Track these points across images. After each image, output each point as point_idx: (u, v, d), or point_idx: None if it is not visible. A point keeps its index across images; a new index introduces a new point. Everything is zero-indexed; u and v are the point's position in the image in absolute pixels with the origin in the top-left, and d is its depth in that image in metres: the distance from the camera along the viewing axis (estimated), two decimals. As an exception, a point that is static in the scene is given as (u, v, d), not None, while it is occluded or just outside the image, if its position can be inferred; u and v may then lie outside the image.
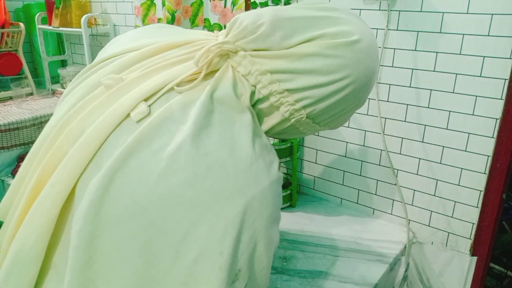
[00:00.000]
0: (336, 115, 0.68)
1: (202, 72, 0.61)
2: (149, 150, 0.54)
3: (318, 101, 0.63)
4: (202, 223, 0.53)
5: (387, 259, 1.23)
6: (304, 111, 0.64)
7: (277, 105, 0.63)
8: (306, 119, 0.65)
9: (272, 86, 0.61)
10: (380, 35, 1.30)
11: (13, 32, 2.08)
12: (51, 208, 0.56)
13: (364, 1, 1.29)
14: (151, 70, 0.61)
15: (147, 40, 0.67)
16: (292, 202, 1.54)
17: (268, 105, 0.64)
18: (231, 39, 0.62)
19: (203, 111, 0.57)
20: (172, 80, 0.60)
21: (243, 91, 0.62)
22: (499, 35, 1.10)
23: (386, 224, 1.43)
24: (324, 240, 1.33)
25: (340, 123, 0.74)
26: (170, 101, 0.58)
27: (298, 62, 0.60)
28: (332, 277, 1.14)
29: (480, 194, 1.24)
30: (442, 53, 1.20)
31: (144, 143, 0.54)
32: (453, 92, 1.21)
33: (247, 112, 0.61)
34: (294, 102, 0.63)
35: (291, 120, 0.65)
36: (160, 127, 0.56)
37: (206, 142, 0.55)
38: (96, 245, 0.54)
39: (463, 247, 1.31)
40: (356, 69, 0.63)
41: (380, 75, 1.33)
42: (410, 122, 1.31)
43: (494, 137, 1.17)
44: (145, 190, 0.53)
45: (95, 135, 0.56)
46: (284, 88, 0.61)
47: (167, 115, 0.57)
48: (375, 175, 1.44)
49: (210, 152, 0.55)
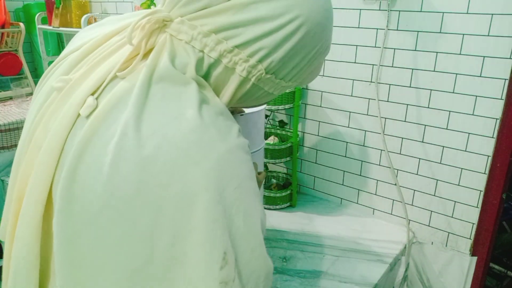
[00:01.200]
0: (299, 65, 0.63)
1: (141, 51, 0.57)
2: (101, 142, 0.52)
3: (272, 50, 0.58)
4: (166, 206, 0.50)
5: (387, 259, 1.23)
6: (261, 66, 0.59)
7: (231, 66, 0.58)
8: (267, 74, 0.60)
9: (220, 47, 0.57)
10: (380, 35, 1.30)
11: (13, 32, 2.08)
12: (32, 218, 0.56)
13: (364, 1, 1.29)
14: (94, 64, 0.59)
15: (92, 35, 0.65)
16: (292, 202, 1.54)
17: (223, 69, 0.59)
18: (164, 8, 0.58)
19: (142, 92, 0.54)
20: (114, 68, 0.57)
21: (187, 61, 0.57)
22: (499, 35, 1.10)
23: (386, 224, 1.43)
24: (324, 240, 1.33)
25: (309, 76, 0.68)
26: (114, 89, 0.56)
27: (241, 13, 0.56)
28: (332, 277, 1.14)
29: (480, 194, 1.24)
30: (442, 53, 1.20)
31: (94, 136, 0.53)
32: (453, 92, 1.21)
33: (191, 83, 0.56)
34: (248, 58, 0.58)
35: (251, 79, 0.60)
36: (107, 117, 0.54)
37: (149, 122, 0.52)
38: (76, 247, 0.53)
39: (463, 247, 1.31)
40: (304, 7, 0.59)
41: (380, 75, 1.33)
42: (410, 122, 1.31)
43: (494, 137, 1.17)
44: (102, 183, 0.51)
45: (55, 139, 0.55)
46: (233, 45, 0.57)
47: (113, 104, 0.54)
48: (375, 175, 1.44)
49: (156, 131, 0.52)
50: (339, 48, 1.39)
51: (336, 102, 1.45)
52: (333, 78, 1.43)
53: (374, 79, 1.34)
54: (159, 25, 0.58)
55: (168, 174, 0.50)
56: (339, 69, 1.41)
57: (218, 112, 0.57)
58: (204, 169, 0.51)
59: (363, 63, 1.35)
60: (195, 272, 0.51)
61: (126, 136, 0.51)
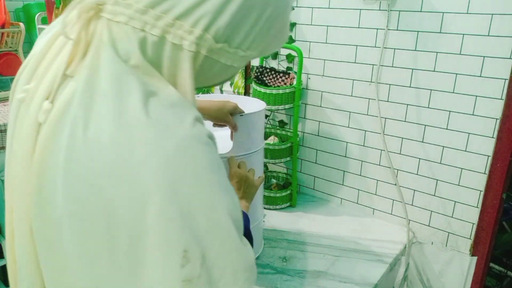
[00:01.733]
0: (253, 30, 0.58)
1: (81, 43, 0.54)
2: (56, 147, 0.52)
3: (215, 16, 0.54)
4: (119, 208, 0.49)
5: (387, 259, 1.23)
6: (208, 35, 0.55)
7: (178, 42, 0.54)
8: (218, 44, 0.56)
9: (160, 22, 0.53)
10: (380, 35, 1.30)
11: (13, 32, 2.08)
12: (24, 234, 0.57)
13: (364, 1, 1.29)
14: (46, 67, 0.57)
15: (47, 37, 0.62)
16: (292, 202, 1.53)
17: (171, 48, 0.55)
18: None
19: (86, 91, 0.52)
20: (62, 68, 0.55)
21: (129, 44, 0.54)
22: (499, 35, 1.10)
23: (386, 224, 1.43)
24: (324, 240, 1.33)
25: (272, 44, 0.64)
26: (65, 90, 0.54)
27: None
28: (332, 277, 1.14)
29: (480, 194, 1.24)
30: (442, 53, 1.20)
31: (50, 141, 0.52)
32: (453, 92, 1.21)
33: (133, 74, 0.53)
34: (191, 28, 0.54)
35: (203, 53, 0.56)
36: (60, 120, 0.52)
37: (96, 123, 0.50)
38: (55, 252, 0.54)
39: (463, 247, 1.31)
40: None
41: (380, 75, 1.33)
42: (410, 122, 1.31)
43: (494, 137, 1.17)
44: (61, 187, 0.51)
45: (23, 149, 0.56)
46: (173, 18, 0.53)
47: (64, 106, 0.53)
48: (375, 175, 1.44)
49: (101, 131, 0.50)
50: (339, 48, 1.39)
51: (336, 102, 1.45)
52: (333, 78, 1.43)
53: (374, 79, 1.34)
54: (94, 10, 0.54)
55: (117, 176, 0.49)
56: (339, 69, 1.41)
57: (168, 105, 0.53)
58: (151, 168, 0.49)
59: (363, 63, 1.35)
60: (156, 272, 0.50)
61: (74, 139, 0.50)
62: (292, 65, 1.51)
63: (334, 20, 1.37)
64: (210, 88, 1.80)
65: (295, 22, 1.46)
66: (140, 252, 0.50)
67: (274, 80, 1.44)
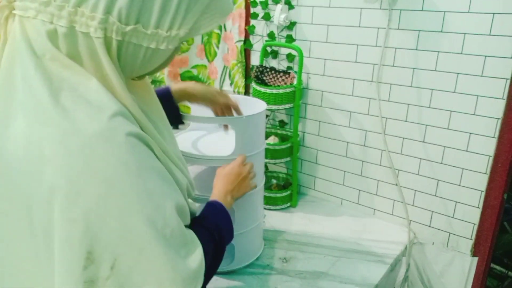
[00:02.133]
0: (168, 7, 0.55)
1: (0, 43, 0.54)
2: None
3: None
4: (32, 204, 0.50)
5: (388, 260, 1.23)
6: (112, 18, 0.53)
7: (85, 30, 0.53)
8: (129, 26, 0.54)
9: (63, 12, 0.52)
10: (381, 34, 1.29)
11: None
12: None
13: (365, 0, 1.29)
14: None
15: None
16: (292, 202, 1.53)
17: (82, 38, 0.53)
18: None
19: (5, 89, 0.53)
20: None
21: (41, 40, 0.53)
22: (500, 34, 1.09)
23: (386, 224, 1.43)
24: (325, 240, 1.32)
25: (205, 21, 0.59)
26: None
27: None
28: (333, 277, 1.14)
29: (481, 194, 1.23)
30: (443, 53, 1.19)
31: None
32: (455, 92, 1.20)
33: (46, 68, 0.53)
34: (92, 13, 0.52)
35: (115, 38, 0.54)
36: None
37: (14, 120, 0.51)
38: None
39: (464, 247, 1.30)
40: None
41: (381, 74, 1.32)
42: (411, 122, 1.31)
43: (495, 137, 1.17)
44: None
45: None
46: (73, 5, 0.52)
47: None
48: (375, 176, 1.44)
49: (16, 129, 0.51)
50: (340, 48, 1.38)
51: (337, 102, 1.44)
52: (333, 78, 1.43)
53: (375, 79, 1.33)
54: (8, 9, 0.54)
55: (29, 173, 0.50)
56: (340, 69, 1.40)
57: (82, 100, 0.52)
58: (55, 166, 0.48)
59: (364, 62, 1.35)
60: (61, 269, 0.50)
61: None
62: (293, 64, 1.51)
63: (334, 19, 1.37)
64: (210, 88, 1.80)
65: (296, 21, 1.45)
66: (52, 248, 0.50)
67: (274, 79, 1.43)
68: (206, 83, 1.82)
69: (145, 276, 0.52)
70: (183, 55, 1.80)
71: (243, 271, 1.15)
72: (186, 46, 1.79)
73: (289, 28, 1.47)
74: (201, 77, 1.82)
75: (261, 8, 1.52)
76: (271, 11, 1.49)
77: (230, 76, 1.70)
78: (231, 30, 1.63)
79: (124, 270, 0.51)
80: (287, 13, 1.45)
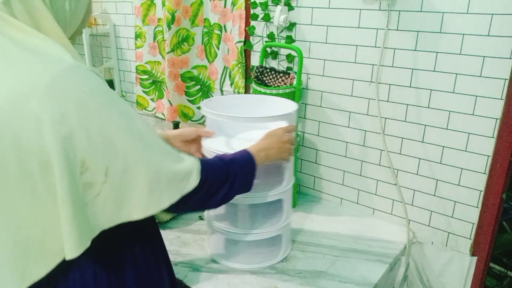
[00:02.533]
0: None
1: None
2: None
3: None
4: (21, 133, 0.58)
5: (387, 259, 1.23)
6: None
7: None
8: None
9: None
10: (380, 35, 1.30)
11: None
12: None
13: (364, 1, 1.29)
14: None
15: None
16: (292, 202, 1.53)
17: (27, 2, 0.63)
18: None
19: None
20: None
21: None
22: (499, 35, 1.10)
23: (386, 224, 1.43)
24: (324, 240, 1.33)
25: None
26: None
27: None
28: (332, 277, 1.14)
29: (480, 194, 1.24)
30: (442, 53, 1.20)
31: None
32: (453, 92, 1.21)
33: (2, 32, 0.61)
34: None
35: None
36: None
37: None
38: None
39: (463, 247, 1.31)
40: None
41: (380, 75, 1.33)
42: (410, 122, 1.31)
43: (494, 137, 1.17)
44: None
45: None
46: None
47: None
48: (375, 175, 1.44)
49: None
50: (339, 48, 1.39)
51: (336, 102, 1.45)
52: (333, 78, 1.43)
53: (374, 79, 1.34)
54: None
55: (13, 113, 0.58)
56: (339, 69, 1.41)
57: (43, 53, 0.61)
58: (37, 99, 0.57)
59: (363, 63, 1.35)
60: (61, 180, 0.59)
61: None
62: (292, 65, 1.51)
63: (334, 20, 1.37)
64: (210, 88, 1.80)
65: (295, 22, 1.46)
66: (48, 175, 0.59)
67: (274, 80, 1.44)
68: (207, 83, 1.82)
69: (134, 179, 0.64)
70: (183, 55, 1.80)
71: (243, 270, 1.16)
72: (186, 46, 1.79)
73: (288, 29, 1.48)
74: (201, 78, 1.83)
75: (261, 9, 1.52)
76: (271, 12, 1.50)
77: (230, 76, 1.70)
78: (231, 31, 1.64)
79: (117, 176, 0.62)
80: (287, 14, 1.46)
